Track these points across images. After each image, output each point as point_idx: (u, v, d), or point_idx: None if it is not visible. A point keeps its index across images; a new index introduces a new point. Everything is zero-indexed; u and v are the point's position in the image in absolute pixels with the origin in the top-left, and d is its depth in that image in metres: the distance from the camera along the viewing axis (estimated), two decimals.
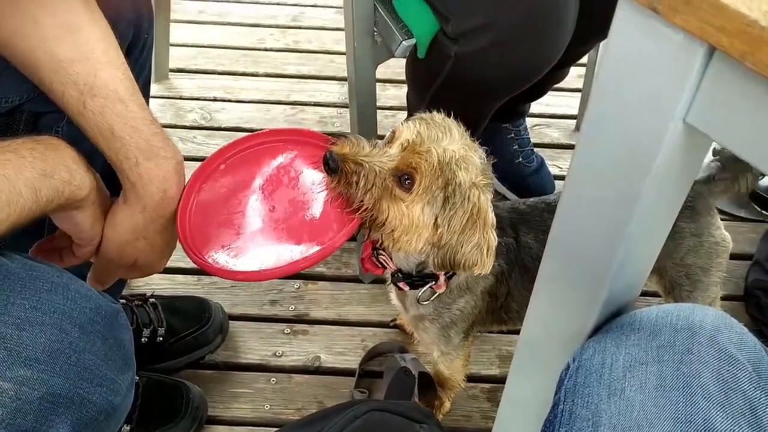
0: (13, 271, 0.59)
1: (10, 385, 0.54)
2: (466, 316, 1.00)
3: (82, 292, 0.62)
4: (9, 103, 0.81)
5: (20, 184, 0.59)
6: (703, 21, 0.39)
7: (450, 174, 0.78)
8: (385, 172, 0.78)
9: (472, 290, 0.97)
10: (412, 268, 0.91)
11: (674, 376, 0.50)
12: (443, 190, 0.78)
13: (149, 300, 1.17)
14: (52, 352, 0.57)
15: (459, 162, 0.79)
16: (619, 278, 0.59)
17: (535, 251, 0.98)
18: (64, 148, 0.66)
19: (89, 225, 0.71)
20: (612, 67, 0.47)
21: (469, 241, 0.80)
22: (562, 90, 1.73)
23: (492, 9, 1.04)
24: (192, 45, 1.92)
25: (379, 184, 0.77)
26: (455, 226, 0.79)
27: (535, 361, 0.74)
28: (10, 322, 0.56)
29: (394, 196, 0.78)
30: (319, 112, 1.76)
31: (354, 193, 0.77)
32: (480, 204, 0.80)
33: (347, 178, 0.77)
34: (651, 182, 0.50)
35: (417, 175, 0.78)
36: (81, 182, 0.66)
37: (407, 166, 0.78)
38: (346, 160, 0.77)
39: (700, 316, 0.54)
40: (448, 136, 0.80)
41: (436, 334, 1.02)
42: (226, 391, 1.20)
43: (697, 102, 0.44)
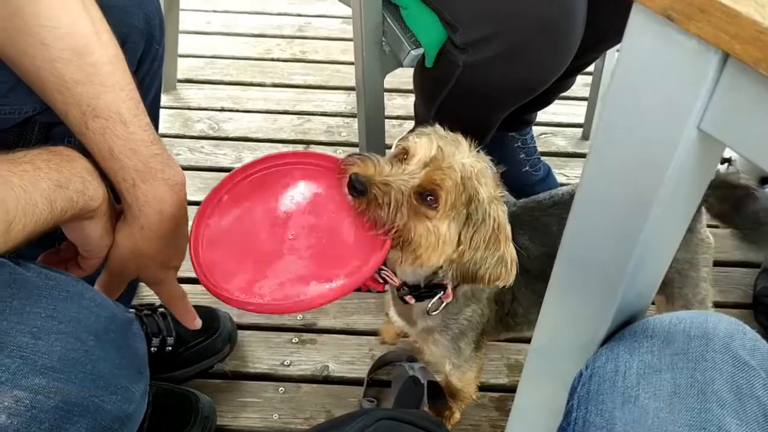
0: (29, 279, 0.59)
1: (26, 394, 0.54)
2: (474, 325, 0.99)
3: (98, 300, 0.62)
4: (22, 114, 0.82)
5: (36, 196, 0.60)
6: (718, 28, 0.39)
7: (472, 190, 0.78)
8: (409, 191, 0.77)
9: (478, 298, 0.97)
10: (420, 281, 0.90)
11: (688, 383, 0.50)
12: (467, 206, 0.78)
13: (158, 309, 1.17)
14: (67, 360, 0.57)
15: (478, 176, 0.79)
16: (632, 286, 0.59)
17: (532, 251, 0.97)
18: (78, 159, 0.67)
19: (98, 236, 0.71)
20: (625, 75, 0.48)
21: (492, 256, 0.80)
22: (569, 99, 1.73)
23: (500, 18, 1.04)
24: (199, 56, 1.94)
25: (406, 203, 0.76)
26: (477, 242, 0.79)
27: (546, 369, 0.74)
28: (26, 331, 0.56)
29: (420, 215, 0.77)
30: (326, 122, 1.77)
31: (384, 215, 0.76)
32: (500, 219, 0.80)
33: (376, 199, 0.75)
34: (664, 190, 0.50)
35: (442, 192, 0.77)
36: (94, 193, 0.67)
37: (431, 183, 0.77)
38: (373, 181, 0.76)
39: (714, 323, 0.54)
40: (461, 150, 0.80)
41: (446, 347, 1.01)
42: (234, 400, 1.20)
43: (711, 109, 0.44)
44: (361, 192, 0.75)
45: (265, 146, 1.69)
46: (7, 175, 0.58)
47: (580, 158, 1.71)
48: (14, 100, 0.80)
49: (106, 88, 0.71)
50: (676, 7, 0.41)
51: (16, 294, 0.58)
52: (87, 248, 0.72)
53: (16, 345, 0.56)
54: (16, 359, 0.55)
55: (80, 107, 0.70)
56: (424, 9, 1.11)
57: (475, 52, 1.08)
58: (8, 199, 0.57)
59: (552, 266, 0.96)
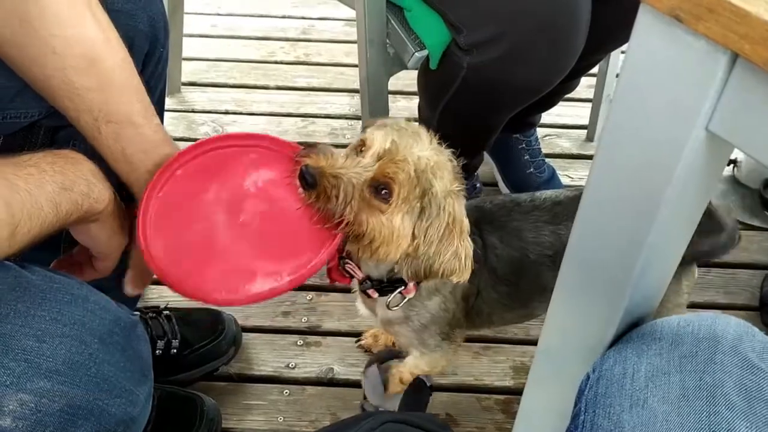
0: (34, 283, 0.59)
1: (31, 397, 0.54)
2: (437, 318, 0.97)
3: (102, 303, 0.62)
4: (29, 118, 0.82)
5: (42, 199, 0.60)
6: (727, 28, 0.39)
7: (426, 183, 0.77)
8: (362, 184, 0.75)
9: (441, 292, 0.95)
10: (383, 275, 0.90)
11: (697, 386, 0.50)
12: (420, 200, 0.77)
13: (163, 312, 1.17)
14: (72, 363, 0.57)
15: (434, 169, 0.78)
16: (639, 288, 0.59)
17: (500, 252, 0.96)
18: (82, 162, 0.67)
19: (106, 237, 0.71)
20: (632, 75, 0.47)
21: (446, 251, 0.79)
22: (573, 100, 1.73)
23: (505, 20, 1.04)
24: (204, 59, 1.94)
25: (357, 197, 0.75)
26: (432, 236, 0.78)
27: (552, 372, 0.73)
28: (30, 334, 0.56)
29: (372, 207, 0.76)
30: (330, 124, 1.77)
31: (333, 208, 0.74)
32: (455, 213, 0.79)
33: (326, 192, 0.74)
34: (672, 191, 0.50)
35: (395, 186, 0.76)
36: (99, 195, 0.67)
37: (384, 176, 0.76)
38: (324, 173, 0.74)
39: (722, 325, 0.54)
40: (419, 142, 0.79)
41: (409, 338, 1.00)
42: (239, 403, 1.20)
43: (719, 110, 0.44)
44: (311, 184, 0.74)
45: None
46: (13, 179, 0.58)
47: (585, 160, 1.70)
48: (20, 104, 0.81)
49: (117, 93, 0.72)
50: (684, 8, 0.40)
51: (21, 297, 0.58)
52: (98, 250, 0.73)
53: (20, 348, 0.56)
54: (21, 362, 0.55)
55: (92, 113, 0.71)
56: (428, 11, 1.11)
57: (479, 54, 1.08)
58: (14, 202, 0.57)
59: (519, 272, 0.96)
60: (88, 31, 0.71)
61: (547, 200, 0.99)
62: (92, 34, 0.71)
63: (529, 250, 0.96)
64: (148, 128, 0.75)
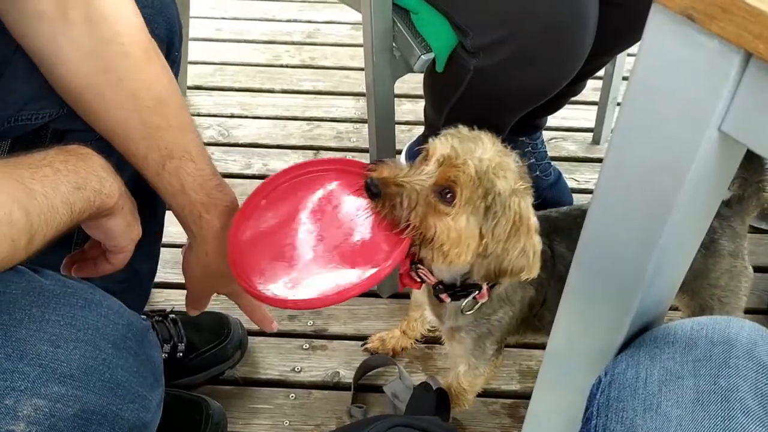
0: (48, 287, 0.59)
1: (45, 402, 0.54)
2: (503, 326, 0.99)
3: (115, 308, 0.62)
4: (39, 120, 0.82)
5: (57, 201, 0.60)
6: (740, 28, 0.38)
7: (488, 183, 0.79)
8: (426, 189, 0.80)
9: (512, 301, 0.97)
10: (456, 279, 0.92)
11: (711, 390, 0.49)
12: (484, 200, 0.79)
13: (169, 316, 1.17)
14: (86, 368, 0.57)
15: (496, 170, 0.80)
16: (650, 292, 0.58)
17: (569, 260, 0.96)
18: (93, 157, 0.68)
19: (121, 230, 0.71)
20: (644, 76, 0.47)
21: (514, 248, 0.81)
22: (579, 103, 1.73)
23: (511, 22, 1.04)
24: (209, 62, 1.94)
25: (422, 202, 0.79)
26: (499, 234, 0.80)
27: (561, 376, 0.73)
28: (45, 339, 0.56)
29: (438, 212, 0.80)
30: (336, 128, 1.77)
31: (399, 214, 0.79)
32: (521, 210, 0.81)
33: (391, 200, 0.79)
34: (684, 193, 0.50)
35: (457, 188, 0.79)
36: (110, 190, 0.67)
37: (446, 180, 0.79)
38: (387, 183, 0.79)
39: (736, 328, 0.53)
40: (481, 146, 0.81)
41: (470, 345, 1.01)
42: (245, 406, 1.19)
43: (732, 110, 0.43)
44: (376, 194, 0.79)
45: (274, 152, 1.69)
46: (30, 183, 0.58)
47: (591, 163, 1.70)
48: (33, 106, 0.81)
49: (179, 131, 0.78)
50: (697, 7, 0.40)
51: (35, 302, 0.58)
52: (112, 243, 0.73)
53: (35, 353, 0.55)
54: (36, 367, 0.55)
55: (160, 150, 0.76)
56: (435, 13, 1.11)
57: (485, 56, 1.08)
58: (32, 209, 0.57)
59: None
60: (158, 74, 0.77)
61: None
62: (161, 78, 0.77)
63: None
64: (203, 162, 0.80)
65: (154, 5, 0.85)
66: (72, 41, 0.72)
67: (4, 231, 0.54)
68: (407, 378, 1.19)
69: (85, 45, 0.72)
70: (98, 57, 0.73)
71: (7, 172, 0.57)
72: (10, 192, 0.56)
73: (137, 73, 0.75)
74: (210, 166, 0.81)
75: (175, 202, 0.80)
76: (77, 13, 0.71)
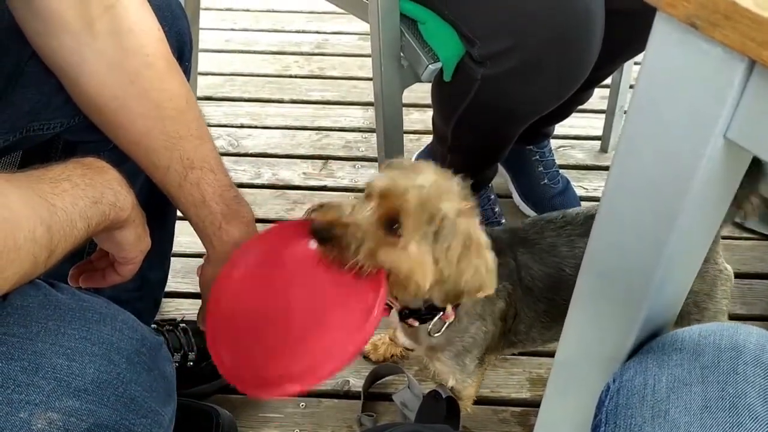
0: (63, 301, 0.60)
1: (59, 416, 0.54)
2: (479, 342, 0.99)
3: (129, 323, 0.62)
4: (51, 130, 0.83)
5: (76, 216, 0.60)
6: (744, 35, 0.39)
7: (432, 208, 0.78)
8: (373, 225, 0.78)
9: (482, 316, 0.98)
10: (420, 304, 0.91)
11: (719, 396, 0.49)
12: (430, 224, 0.78)
13: (180, 325, 1.18)
14: (100, 383, 0.57)
15: (438, 194, 0.79)
16: (658, 299, 0.58)
17: (535, 271, 0.98)
18: (108, 170, 0.68)
19: (131, 242, 0.72)
20: (648, 84, 0.47)
21: (468, 268, 0.80)
22: (586, 111, 1.73)
23: (519, 31, 1.04)
24: (219, 73, 1.96)
25: (369, 237, 0.77)
26: (452, 257, 0.79)
27: (571, 383, 0.73)
28: (60, 353, 0.56)
29: (387, 244, 0.78)
30: (344, 137, 1.78)
31: (349, 254, 0.76)
32: (470, 230, 0.81)
33: (339, 241, 0.76)
34: (690, 200, 0.50)
35: (401, 217, 0.77)
36: (124, 203, 0.68)
37: (390, 211, 0.78)
38: (333, 224, 0.77)
39: (744, 335, 0.53)
40: (421, 174, 0.81)
41: (451, 364, 1.01)
42: (256, 416, 1.20)
43: (737, 117, 0.44)
44: (324, 238, 0.76)
45: (284, 162, 1.70)
46: (51, 198, 0.58)
47: (599, 171, 1.70)
48: (44, 116, 0.82)
49: (198, 140, 0.79)
50: (700, 15, 0.40)
51: (51, 316, 0.58)
52: (121, 254, 0.73)
53: (51, 367, 0.55)
54: (51, 381, 0.55)
55: (182, 161, 0.77)
56: (442, 23, 1.11)
57: (493, 66, 1.08)
58: (53, 225, 0.57)
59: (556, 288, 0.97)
60: (180, 85, 0.79)
61: (580, 215, 1.00)
62: (182, 89, 0.79)
63: (564, 264, 0.97)
64: (222, 173, 0.81)
65: (166, 18, 0.86)
66: (98, 53, 0.73)
67: (28, 247, 0.54)
68: (416, 387, 1.19)
69: (111, 57, 0.73)
70: (124, 69, 0.74)
71: (30, 186, 0.58)
72: (34, 208, 0.56)
73: (160, 84, 0.76)
74: (228, 177, 0.82)
75: (196, 214, 0.80)
76: (102, 25, 0.72)
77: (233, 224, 0.81)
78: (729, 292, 1.04)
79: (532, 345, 1.09)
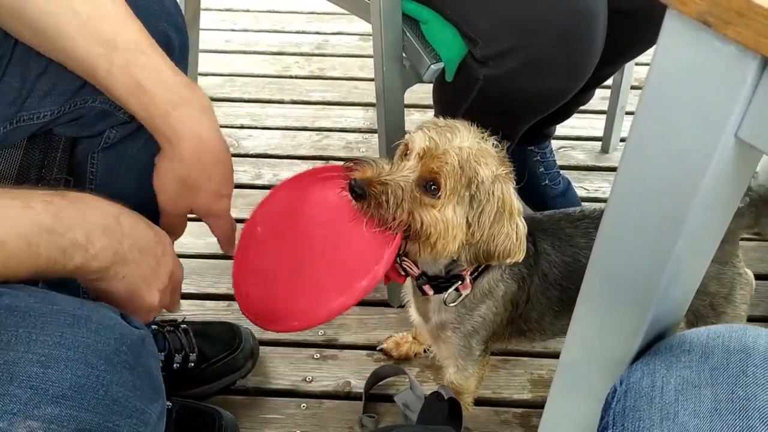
0: (32, 306, 0.57)
1: (39, 424, 0.52)
2: (487, 323, 0.99)
3: (105, 323, 0.59)
4: (41, 119, 0.81)
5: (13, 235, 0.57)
6: (758, 33, 0.38)
7: (471, 172, 0.81)
8: (411, 184, 0.81)
9: (495, 296, 0.98)
10: (441, 270, 0.92)
11: (729, 398, 0.49)
12: (468, 188, 0.81)
13: (181, 326, 1.17)
14: (79, 387, 0.55)
15: (477, 157, 0.81)
16: (665, 300, 0.58)
17: (552, 257, 0.99)
18: (93, 211, 0.63)
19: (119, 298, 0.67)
20: (659, 82, 0.47)
21: (500, 233, 0.83)
22: (587, 112, 1.72)
23: (521, 31, 1.04)
24: (219, 74, 1.95)
25: (407, 197, 0.80)
26: (485, 222, 0.82)
27: (576, 385, 0.72)
28: (34, 360, 0.54)
29: (424, 205, 0.81)
30: (345, 138, 1.77)
31: (386, 213, 0.79)
32: (504, 196, 0.83)
33: (376, 199, 0.80)
34: (699, 200, 0.49)
35: (441, 179, 0.80)
36: (99, 253, 0.62)
37: (429, 172, 0.81)
38: (371, 183, 0.80)
39: (753, 337, 0.53)
40: (458, 135, 0.83)
41: (456, 345, 1.01)
42: (257, 416, 1.19)
43: (749, 116, 0.43)
44: (361, 195, 0.80)
45: (284, 163, 1.70)
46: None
47: (600, 171, 1.70)
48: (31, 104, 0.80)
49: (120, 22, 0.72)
50: (713, 12, 0.40)
51: (21, 323, 0.56)
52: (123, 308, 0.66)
53: (25, 375, 0.54)
54: (27, 389, 0.53)
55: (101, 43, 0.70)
56: (444, 23, 1.11)
57: (495, 66, 1.08)
58: None
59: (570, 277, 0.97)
60: None
61: (596, 211, 1.03)
62: None
63: (581, 255, 0.98)
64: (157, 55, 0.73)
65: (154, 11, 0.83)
66: None
67: None
68: (418, 388, 1.19)
69: None
70: None
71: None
72: None
73: None
74: (169, 64, 0.74)
75: (137, 104, 0.72)
76: None
77: (184, 110, 0.73)
78: (749, 297, 1.04)
79: (540, 337, 1.09)
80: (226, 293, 1.35)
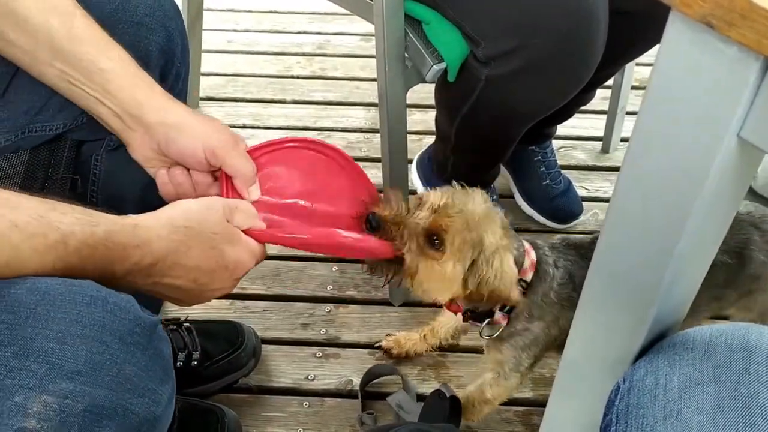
0: (52, 286, 0.59)
1: (54, 399, 0.54)
2: (539, 340, 1.02)
3: (121, 305, 0.61)
4: (53, 131, 0.83)
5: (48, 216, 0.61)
6: (760, 34, 0.39)
7: (476, 236, 0.86)
8: (420, 233, 0.86)
9: (544, 319, 0.99)
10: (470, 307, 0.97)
11: (732, 396, 0.49)
12: (472, 250, 0.86)
13: (183, 324, 1.17)
14: (93, 364, 0.57)
15: (484, 222, 0.87)
16: (668, 299, 0.58)
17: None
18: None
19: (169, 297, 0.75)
20: (662, 83, 0.47)
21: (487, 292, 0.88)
22: (587, 112, 1.73)
23: (523, 32, 1.04)
24: (221, 74, 1.96)
25: (414, 243, 0.85)
26: (482, 289, 0.87)
27: (578, 384, 0.73)
28: (51, 336, 0.56)
29: (424, 255, 0.86)
30: (346, 138, 1.78)
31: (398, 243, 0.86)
32: (504, 267, 0.87)
33: (387, 234, 0.85)
34: (702, 200, 0.50)
35: (447, 235, 0.85)
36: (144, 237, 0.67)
37: (437, 227, 0.86)
38: (386, 220, 0.85)
39: (756, 335, 0.53)
40: (471, 199, 0.88)
41: (507, 357, 1.03)
42: (259, 415, 1.20)
43: (752, 116, 0.44)
44: (375, 228, 0.85)
45: None
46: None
47: (600, 171, 1.70)
48: (45, 117, 0.82)
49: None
50: (716, 14, 0.40)
51: (40, 301, 0.58)
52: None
53: (42, 351, 0.55)
54: (43, 365, 0.55)
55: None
56: (447, 24, 1.12)
57: (497, 66, 1.08)
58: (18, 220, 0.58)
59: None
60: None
61: None
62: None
63: None
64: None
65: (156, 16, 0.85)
66: None
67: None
68: (411, 388, 1.19)
69: None
70: None
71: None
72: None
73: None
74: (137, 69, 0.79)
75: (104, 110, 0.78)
76: None
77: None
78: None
79: None
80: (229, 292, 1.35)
